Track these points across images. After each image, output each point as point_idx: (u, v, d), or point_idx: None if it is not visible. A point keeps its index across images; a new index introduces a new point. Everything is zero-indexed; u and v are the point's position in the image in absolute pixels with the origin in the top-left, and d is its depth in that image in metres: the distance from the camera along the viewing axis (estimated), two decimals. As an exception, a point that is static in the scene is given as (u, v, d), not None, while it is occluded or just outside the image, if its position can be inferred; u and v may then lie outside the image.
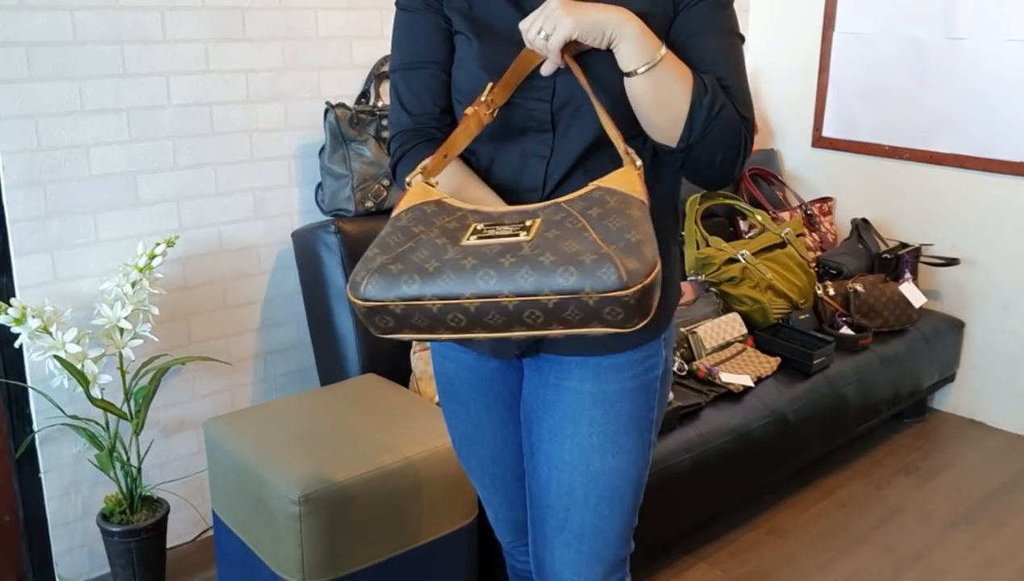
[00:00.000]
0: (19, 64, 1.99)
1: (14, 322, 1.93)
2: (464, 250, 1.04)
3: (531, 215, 1.09)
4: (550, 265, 0.99)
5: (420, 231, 1.09)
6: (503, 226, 1.08)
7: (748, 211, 3.16)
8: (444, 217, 1.11)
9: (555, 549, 1.35)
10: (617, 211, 1.06)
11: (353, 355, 2.35)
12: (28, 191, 2.05)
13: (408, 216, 1.12)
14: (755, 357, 2.66)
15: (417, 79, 1.29)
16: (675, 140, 1.17)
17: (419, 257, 1.05)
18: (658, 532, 2.23)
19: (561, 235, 1.03)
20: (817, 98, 3.45)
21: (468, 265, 1.02)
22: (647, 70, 1.13)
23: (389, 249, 1.07)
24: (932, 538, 2.53)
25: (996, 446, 3.07)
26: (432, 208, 1.12)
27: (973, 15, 2.98)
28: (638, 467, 1.32)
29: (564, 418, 1.29)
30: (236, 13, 2.29)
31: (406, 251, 1.06)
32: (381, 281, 1.04)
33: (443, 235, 1.08)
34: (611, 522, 1.32)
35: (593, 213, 1.06)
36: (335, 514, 1.80)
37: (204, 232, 2.35)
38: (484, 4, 1.25)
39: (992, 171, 3.04)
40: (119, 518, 2.11)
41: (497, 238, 1.05)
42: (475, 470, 1.51)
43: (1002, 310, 3.11)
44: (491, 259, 1.02)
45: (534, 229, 1.06)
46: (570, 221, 1.06)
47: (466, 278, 1.01)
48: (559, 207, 1.09)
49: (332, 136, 2.43)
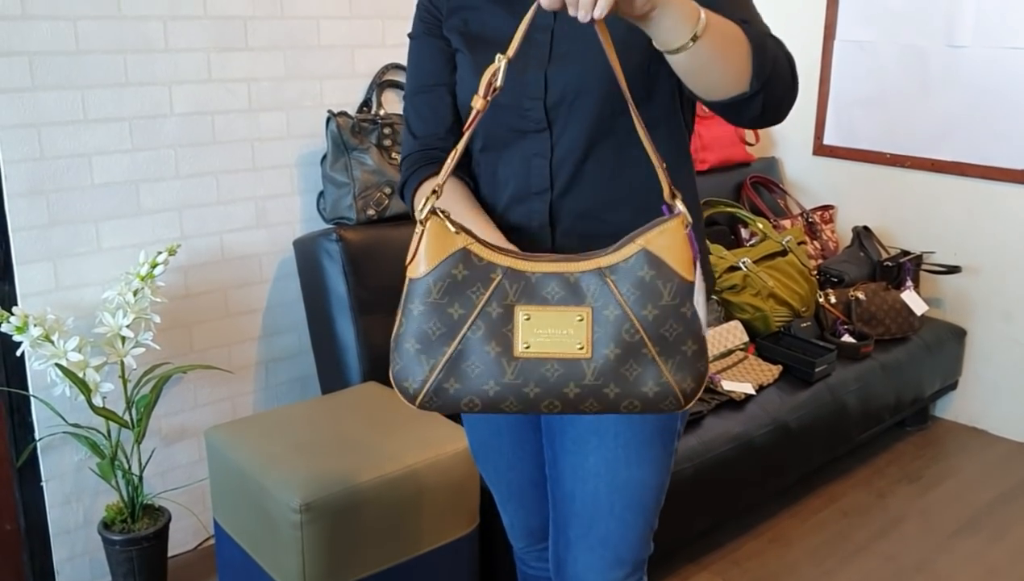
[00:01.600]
0: (22, 73, 2.00)
1: (16, 330, 1.93)
2: (522, 369, 1.03)
3: (576, 295, 1.04)
4: (615, 398, 1.04)
5: (459, 317, 1.04)
6: (550, 310, 1.04)
7: (749, 219, 3.16)
8: (479, 290, 1.04)
9: (579, 553, 1.35)
10: (672, 311, 1.04)
11: (354, 363, 2.35)
12: (31, 200, 2.06)
13: (437, 287, 1.04)
14: (757, 365, 2.66)
15: (423, 103, 1.33)
16: (743, 86, 1.09)
17: (474, 373, 1.03)
18: (661, 540, 2.21)
19: (621, 356, 1.03)
20: (818, 106, 3.46)
21: (531, 394, 1.03)
22: (703, 29, 1.02)
23: (430, 345, 1.04)
24: (935, 547, 2.52)
25: (999, 454, 3.06)
26: (461, 271, 1.05)
27: (974, 23, 2.99)
28: (661, 475, 1.33)
29: (588, 430, 1.29)
30: (238, 22, 2.30)
31: (455, 359, 1.03)
32: (438, 399, 1.06)
33: (491, 336, 1.03)
34: (634, 528, 1.34)
35: (648, 315, 1.04)
36: (337, 522, 1.80)
37: (206, 240, 2.35)
38: (479, 19, 1.26)
39: (993, 179, 3.04)
40: (120, 526, 2.11)
41: (553, 347, 1.03)
42: (491, 475, 1.51)
43: (1004, 318, 3.11)
44: (554, 388, 1.03)
45: (587, 333, 1.03)
46: (627, 330, 1.03)
47: (530, 404, 1.04)
48: (606, 288, 1.04)
49: (334, 145, 2.43)
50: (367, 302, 2.36)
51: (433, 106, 1.32)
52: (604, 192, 1.24)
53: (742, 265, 2.86)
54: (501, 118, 1.23)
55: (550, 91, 1.21)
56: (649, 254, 1.05)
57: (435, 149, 1.31)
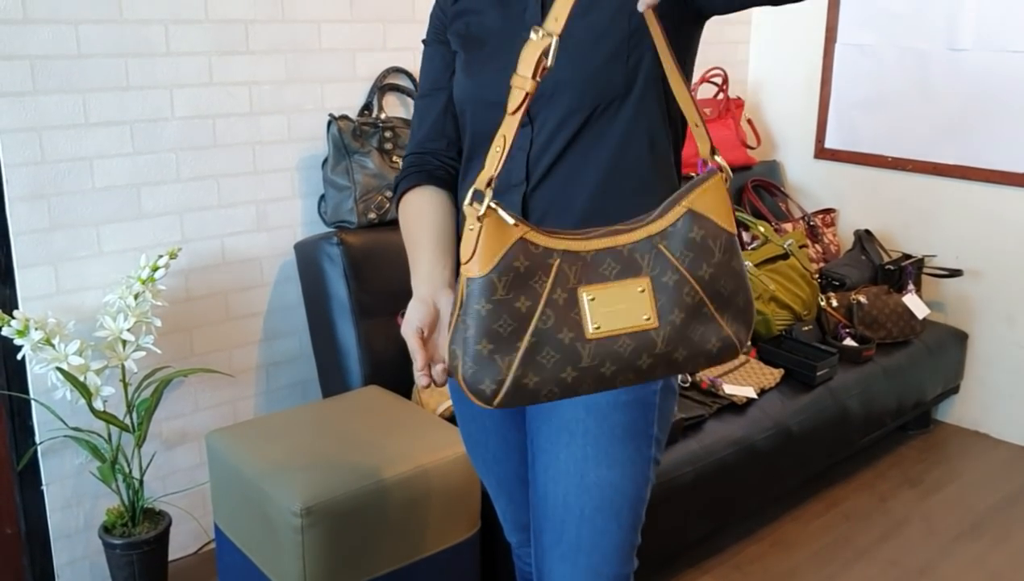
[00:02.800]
0: (24, 77, 2.00)
1: (17, 334, 1.93)
2: (597, 350, 1.03)
3: (632, 268, 1.05)
4: (683, 360, 1.07)
5: (527, 309, 1.02)
6: (611, 286, 1.04)
7: (750, 222, 3.16)
8: (542, 278, 1.03)
9: (553, 564, 1.34)
10: (724, 268, 1.07)
11: (355, 367, 2.35)
12: (32, 204, 2.06)
13: (502, 282, 1.02)
14: (758, 369, 2.66)
15: (424, 106, 1.38)
16: None
17: (550, 363, 1.02)
18: (662, 545, 2.22)
19: (686, 320, 1.05)
20: (819, 109, 3.46)
21: (608, 373, 1.04)
22: None
23: (501, 342, 1.01)
24: (937, 551, 2.52)
25: (1001, 458, 3.06)
26: (522, 262, 1.02)
27: (975, 26, 2.99)
28: (636, 483, 1.31)
29: (560, 427, 1.29)
30: (239, 26, 2.30)
31: (531, 352, 1.02)
32: (518, 396, 1.03)
33: (562, 322, 1.03)
34: (608, 536, 1.31)
35: (704, 275, 1.06)
36: (337, 526, 1.80)
37: (207, 244, 2.35)
38: (480, 22, 1.29)
39: (995, 182, 3.03)
40: (121, 531, 2.11)
41: (621, 322, 1.04)
42: (481, 469, 1.52)
43: (1006, 321, 3.11)
44: (629, 363, 1.04)
45: (651, 302, 1.04)
46: (688, 293, 1.05)
47: (606, 382, 1.05)
48: (661, 255, 1.06)
49: (335, 148, 2.43)
50: (368, 306, 2.36)
51: (432, 109, 1.37)
52: (572, 182, 1.26)
53: (743, 269, 2.86)
54: (488, 115, 1.24)
55: None
56: (696, 214, 1.07)
57: (428, 153, 1.36)
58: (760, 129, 3.56)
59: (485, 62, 1.27)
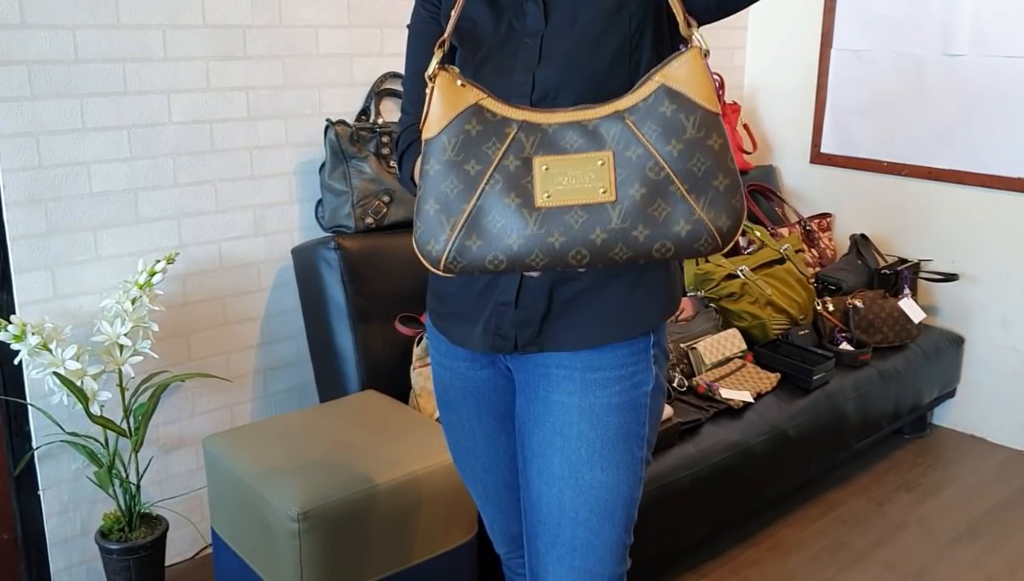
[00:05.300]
0: (21, 82, 2.00)
1: (14, 339, 1.93)
2: (545, 219, 1.00)
3: (596, 141, 1.02)
4: (645, 241, 1.01)
5: (476, 173, 1.01)
6: (569, 157, 1.01)
7: (747, 227, 3.17)
8: (495, 144, 1.02)
9: (548, 565, 1.34)
10: (698, 144, 1.02)
11: (352, 372, 2.35)
12: (29, 208, 2.06)
13: (452, 144, 1.03)
14: (755, 373, 2.66)
15: (412, 84, 1.38)
16: None
17: (496, 227, 1.00)
18: (659, 548, 2.22)
19: (648, 196, 1.00)
20: (815, 114, 3.47)
21: (556, 244, 1.00)
22: None
23: (449, 203, 1.01)
24: (934, 555, 2.52)
25: (997, 462, 3.06)
26: (475, 126, 1.03)
27: (971, 32, 3.00)
28: (628, 483, 1.32)
29: (553, 431, 1.30)
30: (237, 31, 2.31)
31: (476, 216, 1.00)
32: (462, 259, 1.01)
33: (510, 189, 1.01)
34: (602, 537, 1.32)
35: (672, 150, 1.01)
36: (335, 531, 1.80)
37: (204, 249, 2.36)
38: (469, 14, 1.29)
39: (990, 187, 3.05)
40: (118, 535, 2.10)
41: (575, 194, 0.99)
42: (469, 479, 1.52)
43: (1002, 325, 3.11)
44: (580, 236, 1.00)
45: (610, 176, 1.00)
46: (652, 168, 1.00)
47: (556, 255, 1.01)
48: (627, 130, 1.02)
49: (332, 153, 2.44)
50: (365, 310, 2.36)
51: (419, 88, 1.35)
52: None
53: (740, 273, 2.87)
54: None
55: (536, 89, 1.23)
56: (668, 89, 1.04)
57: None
58: (756, 134, 3.57)
59: (483, 63, 1.26)
